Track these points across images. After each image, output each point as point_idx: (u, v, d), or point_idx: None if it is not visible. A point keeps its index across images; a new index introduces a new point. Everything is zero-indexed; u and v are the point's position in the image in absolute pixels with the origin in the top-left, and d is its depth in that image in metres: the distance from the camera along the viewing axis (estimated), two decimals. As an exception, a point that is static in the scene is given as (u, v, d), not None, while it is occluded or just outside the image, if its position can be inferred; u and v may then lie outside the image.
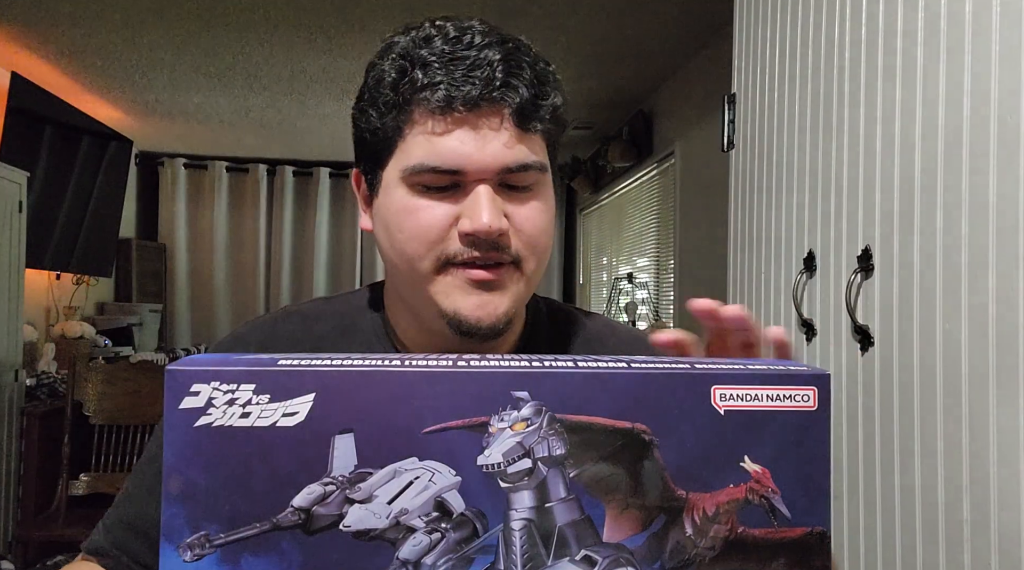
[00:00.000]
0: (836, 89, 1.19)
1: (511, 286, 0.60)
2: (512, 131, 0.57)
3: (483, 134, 0.57)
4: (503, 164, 0.57)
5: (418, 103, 0.57)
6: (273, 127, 4.60)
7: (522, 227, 0.59)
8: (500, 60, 0.57)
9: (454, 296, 0.59)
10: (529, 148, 0.59)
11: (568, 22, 2.89)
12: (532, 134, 0.59)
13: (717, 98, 1.80)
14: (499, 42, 0.58)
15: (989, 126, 0.87)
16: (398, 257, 0.60)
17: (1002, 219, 0.85)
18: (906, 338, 1.02)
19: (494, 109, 0.57)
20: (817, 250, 1.25)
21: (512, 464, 0.37)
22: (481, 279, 0.58)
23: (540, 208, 0.61)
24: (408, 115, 0.58)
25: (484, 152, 0.57)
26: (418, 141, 0.58)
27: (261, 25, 2.99)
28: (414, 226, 0.58)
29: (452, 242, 0.58)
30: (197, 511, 0.36)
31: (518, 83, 0.57)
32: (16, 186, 3.01)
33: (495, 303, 0.59)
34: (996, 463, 0.85)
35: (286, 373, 0.37)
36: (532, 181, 0.60)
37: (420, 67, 0.57)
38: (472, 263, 0.58)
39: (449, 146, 0.56)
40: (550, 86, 0.61)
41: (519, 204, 0.59)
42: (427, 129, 0.57)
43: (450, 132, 0.56)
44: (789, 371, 0.39)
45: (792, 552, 0.38)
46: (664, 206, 3.72)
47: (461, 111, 0.56)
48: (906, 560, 1.01)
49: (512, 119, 0.57)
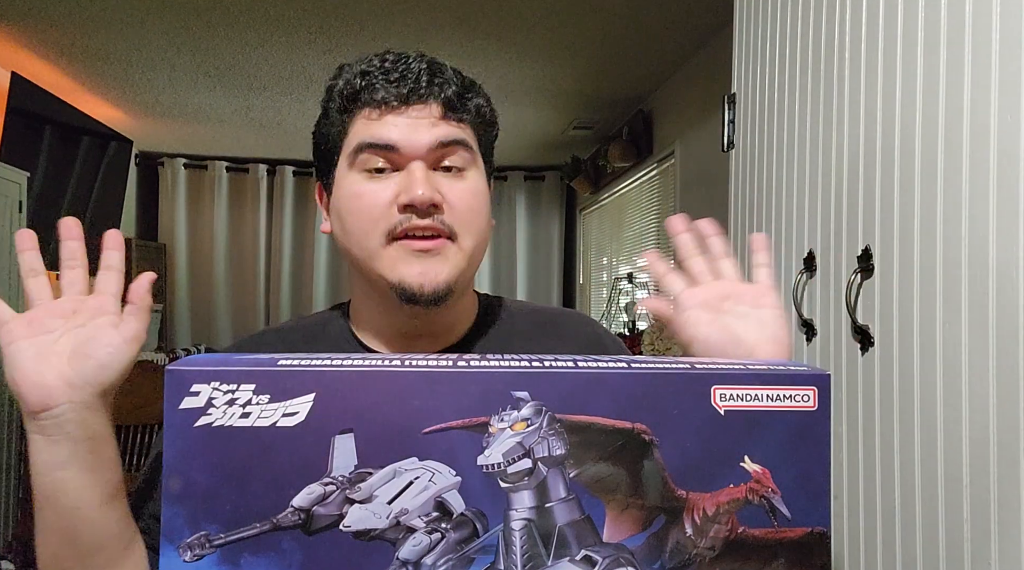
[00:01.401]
0: (836, 89, 1.19)
1: (450, 257, 0.67)
2: (441, 118, 0.67)
3: (414, 120, 0.66)
4: (434, 139, 0.66)
5: (359, 105, 0.67)
6: (273, 127, 4.60)
7: (455, 204, 0.67)
8: (426, 69, 0.67)
9: (399, 267, 0.66)
10: (458, 131, 0.68)
11: (568, 22, 2.89)
12: (460, 123, 0.68)
13: (717, 98, 1.80)
14: (431, 61, 0.69)
15: (989, 126, 0.87)
16: (349, 238, 0.68)
17: (1002, 219, 0.85)
18: (906, 338, 1.02)
19: (424, 103, 0.66)
20: (817, 250, 1.25)
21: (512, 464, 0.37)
22: (420, 248, 0.65)
23: (471, 189, 0.69)
24: (352, 115, 0.68)
25: (416, 132, 0.66)
26: (359, 129, 0.67)
27: (261, 25, 2.99)
28: (361, 206, 0.66)
29: (394, 216, 0.65)
30: (197, 511, 0.36)
31: (443, 81, 0.67)
32: (16, 186, 3.01)
33: (435, 270, 0.66)
34: (996, 463, 0.85)
35: (286, 373, 0.37)
36: (462, 163, 0.68)
37: (361, 76, 0.67)
38: (412, 234, 0.65)
39: (384, 129, 0.66)
40: (472, 91, 0.70)
41: (452, 185, 0.67)
42: (366, 119, 0.67)
43: (389, 116, 0.66)
44: (789, 371, 0.39)
45: (792, 552, 0.38)
46: (664, 206, 3.71)
47: (394, 105, 0.66)
48: (906, 560, 1.01)
49: (440, 110, 0.67)
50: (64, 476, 0.53)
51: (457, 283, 0.68)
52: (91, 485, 0.54)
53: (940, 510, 0.94)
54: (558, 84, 3.63)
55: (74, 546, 0.55)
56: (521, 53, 3.19)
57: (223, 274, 5.45)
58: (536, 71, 3.43)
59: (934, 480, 0.96)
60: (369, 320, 0.75)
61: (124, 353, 0.54)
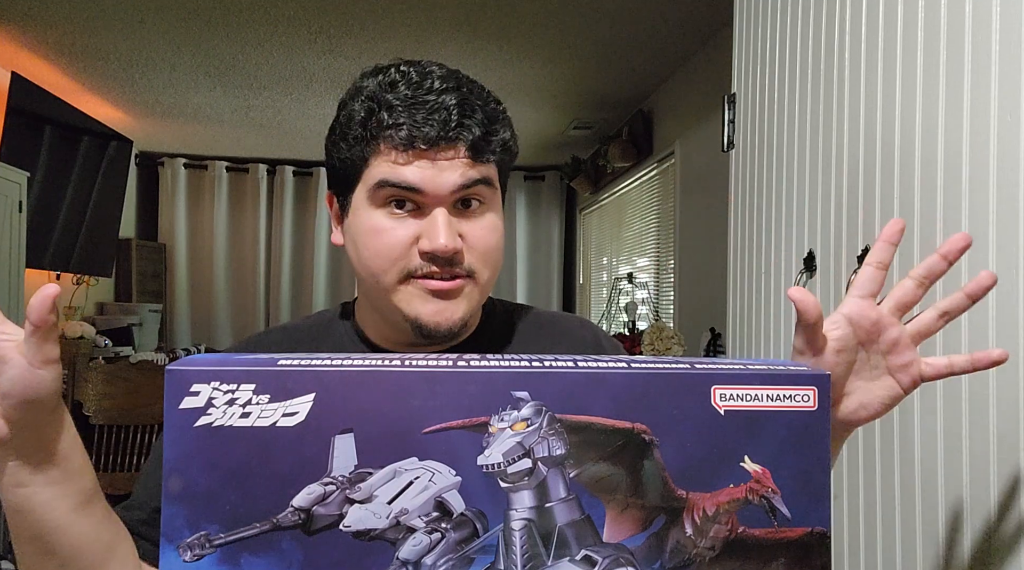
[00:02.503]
0: (836, 89, 1.19)
1: (467, 296, 0.68)
2: (467, 162, 0.66)
3: (440, 165, 0.65)
4: (457, 184, 0.65)
5: (384, 139, 0.65)
6: (273, 127, 4.60)
7: (475, 244, 0.67)
8: (455, 104, 0.65)
9: (414, 303, 0.66)
10: (480, 171, 0.67)
11: (568, 22, 2.89)
12: (485, 164, 0.67)
13: (717, 98, 1.80)
14: (455, 87, 0.66)
15: (989, 126, 0.87)
16: (365, 271, 0.68)
17: (1002, 219, 0.85)
18: (906, 338, 1.02)
19: (451, 146, 0.65)
20: (817, 250, 1.25)
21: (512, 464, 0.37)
22: (438, 289, 0.66)
23: (491, 226, 0.69)
24: (375, 148, 0.66)
25: (440, 178, 0.64)
26: (382, 167, 0.65)
27: (261, 25, 2.99)
28: (379, 245, 0.66)
29: (413, 258, 0.65)
30: (197, 511, 0.36)
31: (471, 123, 0.65)
32: (16, 186, 3.01)
33: (451, 310, 0.66)
34: (996, 463, 0.85)
35: (286, 373, 0.37)
36: (483, 197, 0.68)
37: (386, 109, 0.65)
38: (430, 276, 0.65)
39: (408, 171, 0.64)
40: (499, 123, 0.69)
41: (472, 223, 0.67)
42: (391, 159, 0.65)
43: (411, 162, 0.64)
44: (789, 371, 0.39)
45: (792, 552, 0.38)
46: (664, 206, 3.72)
47: (422, 148, 0.64)
48: (906, 560, 1.01)
49: (467, 154, 0.65)
50: (29, 492, 0.52)
51: (471, 317, 0.69)
52: (60, 496, 0.52)
53: (940, 510, 0.94)
54: (558, 84, 3.63)
55: (52, 555, 0.54)
56: (521, 53, 3.19)
57: (223, 274, 5.45)
58: (536, 71, 3.43)
59: (934, 480, 0.96)
60: (376, 329, 0.75)
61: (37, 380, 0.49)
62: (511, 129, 0.71)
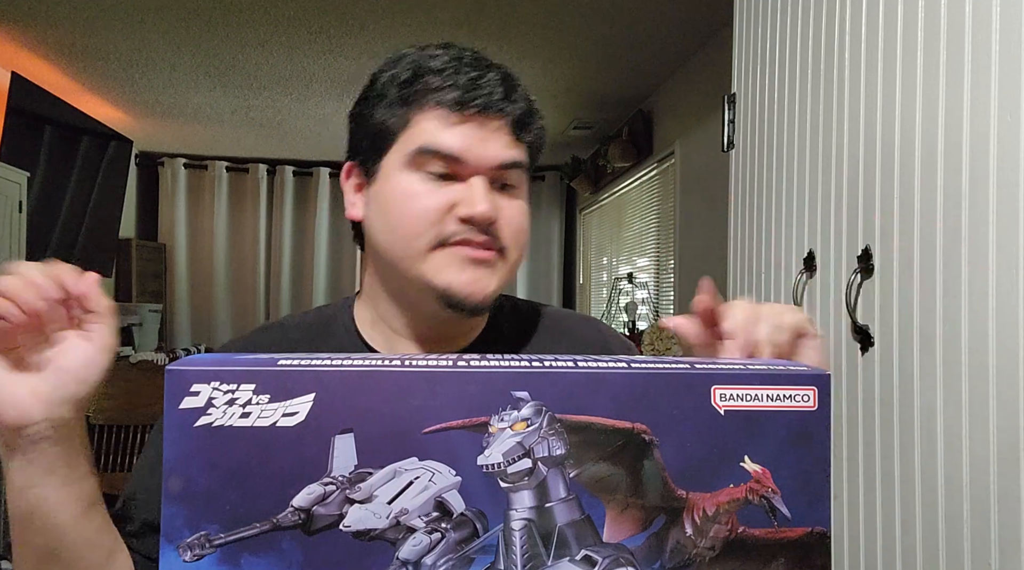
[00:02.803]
0: (836, 89, 1.19)
1: (498, 271, 0.66)
2: (510, 137, 0.65)
3: (486, 134, 0.64)
4: (500, 160, 0.64)
5: (430, 100, 0.64)
6: (273, 127, 4.60)
7: (508, 221, 0.66)
8: (499, 80, 0.65)
9: (447, 272, 0.64)
10: (519, 152, 0.67)
11: (568, 22, 2.89)
12: (522, 144, 0.67)
13: (717, 98, 1.80)
14: (496, 66, 0.67)
15: (989, 126, 0.87)
16: (393, 236, 0.65)
17: (1002, 219, 0.85)
18: (906, 338, 1.02)
19: (497, 117, 0.64)
20: (817, 250, 1.25)
21: (512, 464, 0.37)
22: (477, 257, 0.64)
23: (522, 208, 0.68)
24: (416, 110, 0.64)
25: (484, 147, 0.64)
26: (425, 128, 0.64)
27: (261, 25, 2.99)
28: (413, 208, 0.64)
29: (449, 224, 0.63)
30: (197, 511, 0.36)
31: (517, 98, 0.66)
32: (16, 186, 3.01)
33: (485, 281, 0.65)
34: (996, 463, 0.85)
35: (286, 373, 0.37)
36: (517, 181, 0.67)
37: (434, 73, 0.64)
38: (467, 242, 0.64)
39: (456, 135, 0.63)
40: (537, 113, 0.69)
41: (507, 201, 0.66)
42: (436, 120, 0.64)
43: (459, 124, 0.63)
44: (789, 371, 0.39)
45: (792, 552, 0.38)
46: (664, 206, 3.72)
47: (470, 111, 0.63)
48: (906, 560, 1.01)
49: (510, 128, 0.65)
50: (41, 494, 0.51)
51: (497, 295, 0.68)
52: (69, 499, 0.52)
53: (940, 510, 0.94)
54: (558, 84, 3.63)
55: (55, 561, 0.54)
56: (521, 53, 3.19)
57: (223, 274, 5.45)
58: (536, 71, 3.43)
59: (934, 480, 0.96)
60: (386, 319, 0.72)
61: (99, 364, 0.51)
62: (544, 125, 0.71)
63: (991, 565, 0.85)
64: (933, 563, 0.95)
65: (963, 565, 0.89)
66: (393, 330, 0.72)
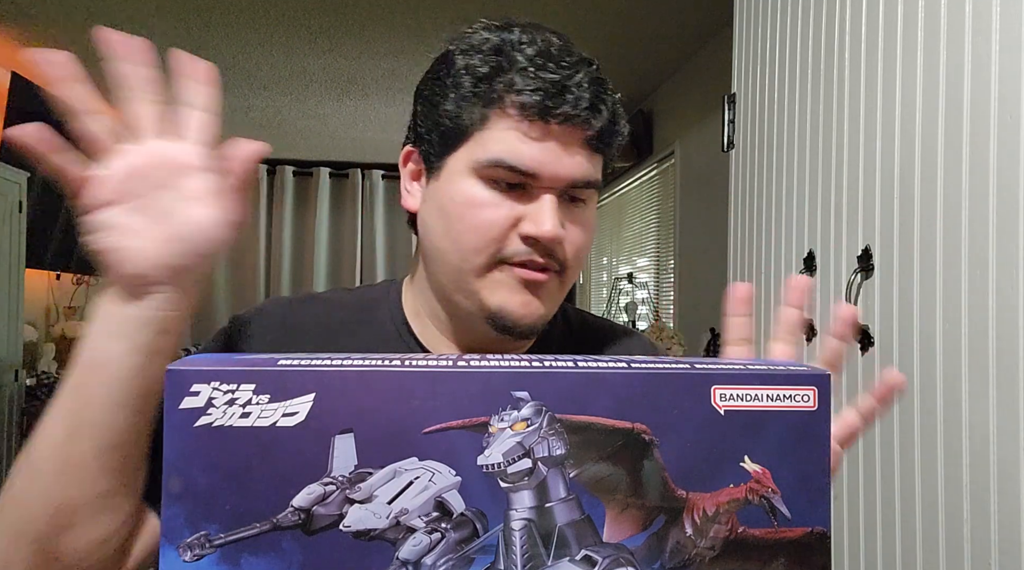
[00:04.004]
0: (836, 89, 1.19)
1: (553, 292, 0.63)
2: (587, 152, 0.61)
3: (565, 148, 0.59)
4: (574, 178, 0.60)
5: (511, 103, 0.58)
6: (273, 127, 4.60)
7: (572, 240, 0.62)
8: (589, 84, 0.60)
9: (501, 292, 0.60)
10: (595, 168, 0.62)
11: (568, 22, 2.89)
12: (599, 156, 0.63)
13: (717, 98, 1.80)
14: (585, 63, 0.61)
15: (989, 126, 0.87)
16: (451, 245, 0.61)
17: (1002, 219, 0.85)
18: (906, 338, 1.02)
19: (579, 128, 0.59)
20: (817, 250, 1.25)
21: (512, 464, 0.37)
22: (533, 280, 0.60)
23: (588, 224, 0.64)
24: (496, 111, 0.59)
25: (561, 164, 0.59)
26: (502, 137, 0.59)
27: (261, 25, 2.99)
28: (477, 220, 0.59)
29: (511, 242, 0.60)
30: (197, 511, 0.36)
31: (603, 109, 0.60)
32: (16, 186, 3.01)
33: (539, 303, 0.61)
34: (996, 463, 0.85)
35: (286, 373, 0.37)
36: (587, 197, 0.63)
37: (517, 70, 0.58)
38: (525, 264, 0.60)
39: (535, 150, 0.58)
40: (621, 116, 0.64)
41: (574, 218, 0.62)
42: (514, 131, 0.58)
43: (539, 140, 0.58)
44: (789, 371, 0.39)
45: (792, 552, 0.38)
46: (664, 206, 3.72)
47: (551, 122, 0.58)
48: (906, 560, 1.01)
49: (590, 141, 0.60)
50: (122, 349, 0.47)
51: (550, 316, 0.64)
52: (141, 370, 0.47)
53: (940, 510, 0.94)
54: (558, 84, 3.62)
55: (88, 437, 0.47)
56: (521, 53, 3.18)
57: (223, 274, 5.45)
58: (536, 71, 3.43)
59: (934, 480, 0.96)
60: (432, 318, 0.68)
61: (222, 239, 0.47)
62: (627, 127, 0.66)
63: (991, 565, 0.85)
64: (933, 563, 0.95)
65: (963, 565, 0.89)
66: (439, 331, 0.68)
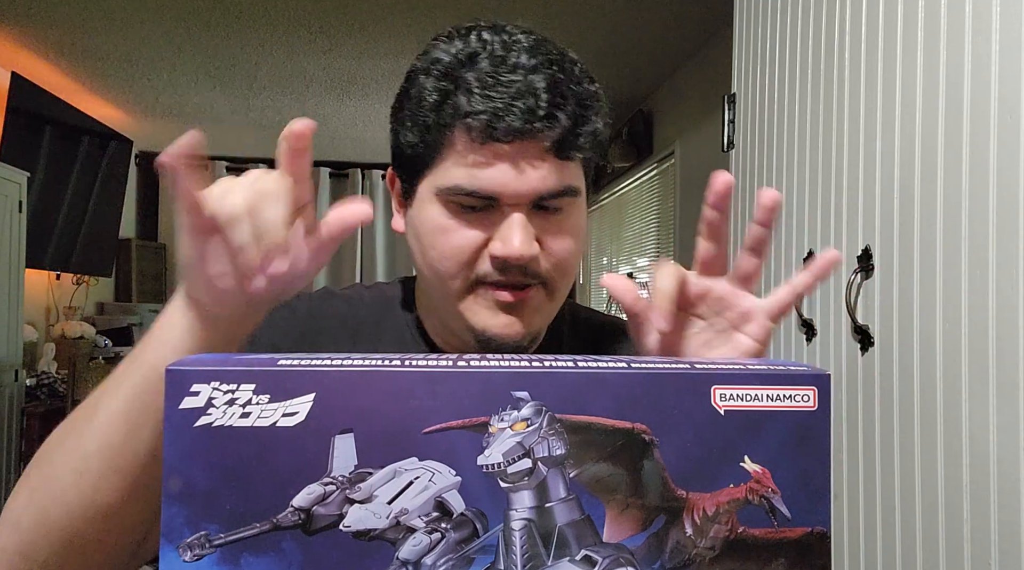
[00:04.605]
0: (836, 89, 1.19)
1: (539, 306, 0.61)
2: (550, 162, 0.58)
3: (521, 166, 0.57)
4: (538, 193, 0.58)
5: (459, 128, 0.57)
6: (273, 127, 4.60)
7: (552, 251, 0.60)
8: (544, 89, 0.56)
9: (482, 314, 0.60)
10: (565, 175, 0.59)
11: (567, 22, 2.89)
12: (570, 161, 0.59)
13: (717, 98, 1.80)
14: (546, 63, 0.58)
15: (989, 126, 0.87)
16: (429, 272, 0.62)
17: (1002, 219, 0.85)
18: (906, 338, 1.02)
19: (534, 141, 0.56)
20: (817, 250, 1.25)
21: (512, 464, 0.37)
22: (508, 301, 0.59)
23: (571, 231, 0.61)
24: (448, 138, 0.58)
25: (522, 181, 0.57)
26: (458, 163, 0.57)
27: (261, 25, 2.99)
28: (446, 246, 0.59)
29: (483, 264, 0.59)
30: (197, 511, 0.36)
31: (560, 114, 0.57)
32: (16, 186, 3.01)
33: (520, 323, 0.60)
34: (996, 463, 0.85)
35: (286, 373, 0.37)
36: (565, 205, 0.60)
37: (464, 92, 0.56)
38: (501, 284, 0.59)
39: (487, 175, 0.57)
40: (592, 110, 0.60)
41: (551, 228, 0.60)
42: (466, 159, 0.57)
43: (490, 164, 0.56)
44: (789, 371, 0.39)
45: (792, 552, 0.38)
46: (664, 206, 3.72)
47: (501, 141, 0.56)
48: (906, 560, 1.01)
49: (551, 151, 0.57)
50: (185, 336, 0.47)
51: (542, 329, 0.63)
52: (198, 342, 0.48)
53: (940, 510, 0.94)
54: (558, 84, 3.62)
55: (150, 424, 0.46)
56: (521, 53, 3.18)
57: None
58: (536, 71, 3.43)
59: (934, 480, 0.96)
60: (436, 330, 0.69)
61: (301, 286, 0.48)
62: (605, 116, 0.62)
63: (991, 565, 0.85)
64: (933, 563, 0.95)
65: (963, 565, 0.89)
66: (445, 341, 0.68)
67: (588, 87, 0.61)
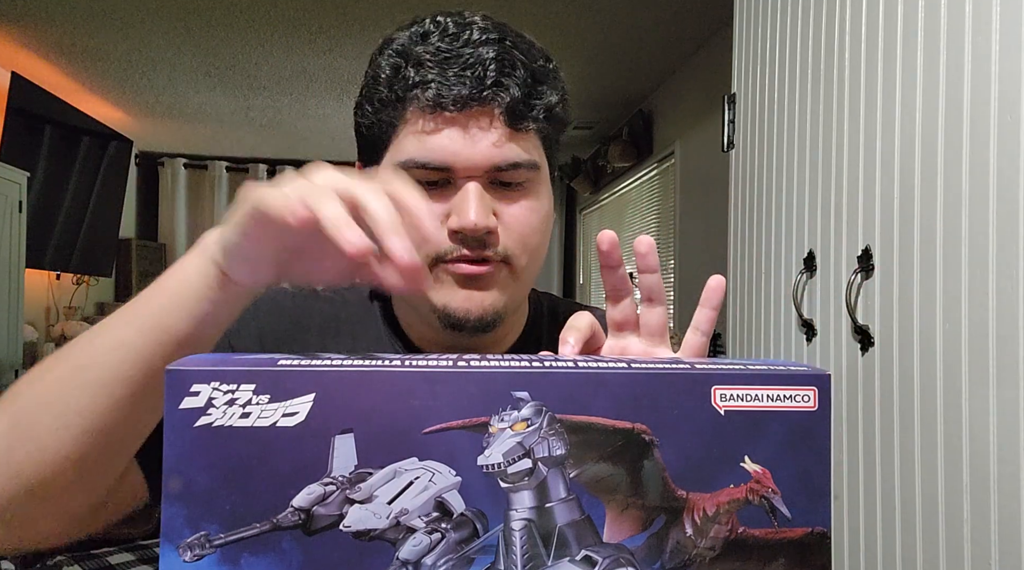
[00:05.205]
0: (836, 89, 1.19)
1: (501, 282, 0.60)
2: (502, 130, 0.58)
3: (472, 133, 0.57)
4: (492, 162, 0.58)
5: (410, 101, 0.57)
6: (273, 127, 4.60)
7: (512, 225, 0.60)
8: (493, 59, 0.57)
9: (444, 291, 0.59)
10: (521, 146, 0.59)
11: (568, 22, 2.89)
12: (524, 133, 0.59)
13: (717, 98, 1.80)
14: (497, 39, 0.58)
15: (989, 126, 0.87)
16: None
17: (1002, 219, 0.85)
18: (906, 338, 1.02)
19: (484, 109, 0.57)
20: (817, 250, 1.25)
21: (512, 464, 0.37)
22: (468, 274, 0.59)
23: (532, 206, 0.61)
24: (401, 112, 0.58)
25: (472, 150, 0.57)
26: (409, 138, 0.58)
27: (261, 25, 2.99)
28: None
29: (443, 241, 0.58)
30: (197, 511, 0.36)
31: (509, 82, 0.57)
32: (16, 186, 3.01)
33: (484, 297, 0.60)
34: (996, 463, 0.85)
35: (286, 373, 0.37)
36: (523, 179, 0.60)
37: (414, 65, 0.57)
38: (462, 259, 0.58)
39: (438, 144, 0.57)
40: (547, 84, 0.61)
41: (510, 202, 0.60)
42: (418, 127, 0.57)
43: (439, 131, 0.57)
44: (789, 371, 0.39)
45: (792, 552, 0.38)
46: (664, 206, 3.72)
47: (451, 110, 0.56)
48: (906, 560, 1.01)
49: (503, 118, 0.57)
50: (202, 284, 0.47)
51: (507, 308, 0.62)
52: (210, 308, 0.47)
53: (940, 510, 0.94)
54: (558, 84, 3.63)
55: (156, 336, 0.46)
56: (521, 53, 3.18)
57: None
58: (536, 71, 3.43)
59: (934, 480, 0.96)
60: (410, 324, 0.68)
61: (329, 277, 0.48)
62: (561, 92, 0.62)
63: (991, 565, 0.85)
64: (933, 563, 0.95)
65: (963, 565, 0.89)
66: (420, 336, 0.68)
67: (543, 64, 0.62)
